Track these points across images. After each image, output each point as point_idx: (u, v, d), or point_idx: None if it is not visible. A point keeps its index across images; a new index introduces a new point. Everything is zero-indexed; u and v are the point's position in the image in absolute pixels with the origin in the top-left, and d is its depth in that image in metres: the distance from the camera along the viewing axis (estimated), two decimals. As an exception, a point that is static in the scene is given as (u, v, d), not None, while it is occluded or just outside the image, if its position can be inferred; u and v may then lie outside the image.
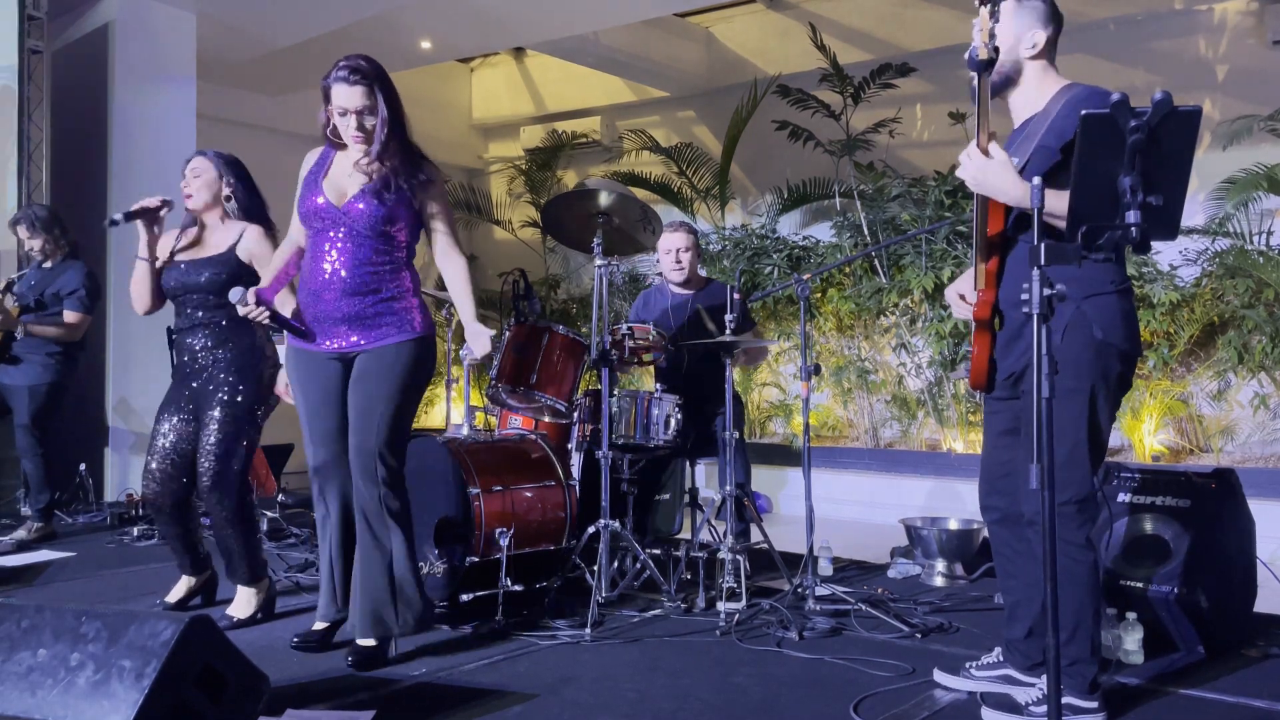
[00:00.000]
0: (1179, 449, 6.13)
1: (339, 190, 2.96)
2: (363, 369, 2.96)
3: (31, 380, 4.96)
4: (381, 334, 2.95)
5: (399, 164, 2.94)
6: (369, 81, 2.88)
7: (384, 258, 2.95)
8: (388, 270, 2.96)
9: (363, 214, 2.91)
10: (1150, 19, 6.75)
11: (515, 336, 3.86)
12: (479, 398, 4.63)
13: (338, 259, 2.93)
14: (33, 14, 6.31)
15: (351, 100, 2.87)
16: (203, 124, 6.84)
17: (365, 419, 2.92)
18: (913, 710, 2.59)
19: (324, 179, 2.99)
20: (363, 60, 2.89)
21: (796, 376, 4.01)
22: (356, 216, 2.91)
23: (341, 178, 2.99)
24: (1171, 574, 3.07)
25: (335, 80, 2.87)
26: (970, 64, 2.32)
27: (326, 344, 2.99)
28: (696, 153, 8.24)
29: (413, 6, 6.86)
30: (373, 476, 2.92)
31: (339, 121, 2.91)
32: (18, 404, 4.98)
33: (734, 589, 3.52)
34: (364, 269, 2.93)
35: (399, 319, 2.96)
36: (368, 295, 2.93)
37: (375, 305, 2.94)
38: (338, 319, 2.95)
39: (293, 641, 3.09)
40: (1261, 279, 5.65)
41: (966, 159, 2.40)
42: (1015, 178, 2.35)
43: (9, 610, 2.13)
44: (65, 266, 5.05)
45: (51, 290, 4.98)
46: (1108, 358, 2.44)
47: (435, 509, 3.68)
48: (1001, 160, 2.37)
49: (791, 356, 7.44)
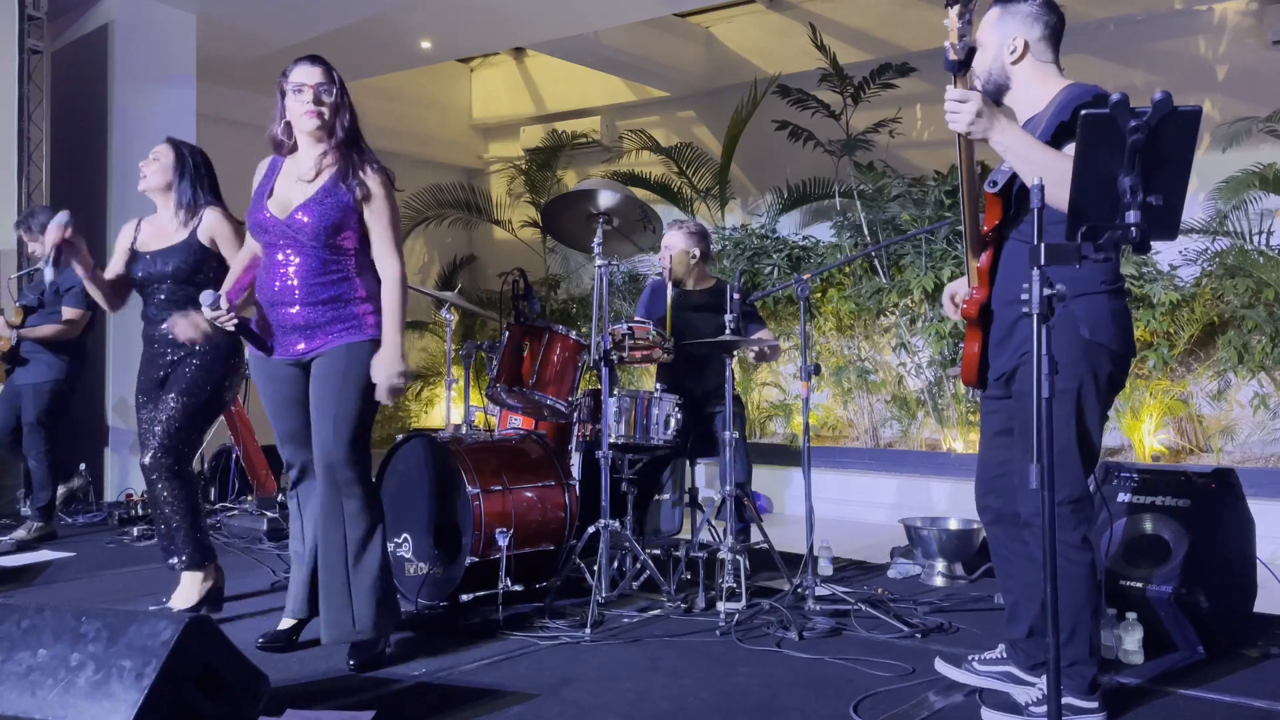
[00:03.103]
0: (1179, 449, 6.13)
1: (283, 202, 2.95)
2: (319, 372, 2.96)
3: (37, 379, 5.04)
4: (335, 338, 2.95)
5: (345, 167, 2.94)
6: (329, 67, 2.96)
7: (334, 267, 2.94)
8: (339, 279, 2.95)
9: (306, 226, 2.90)
10: (1150, 19, 6.75)
11: (515, 336, 3.86)
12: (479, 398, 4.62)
13: (289, 271, 2.93)
14: (33, 14, 6.31)
15: (310, 76, 2.92)
16: (203, 124, 6.84)
17: (323, 422, 2.92)
18: (913, 710, 2.59)
19: (269, 192, 2.99)
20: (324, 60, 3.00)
21: (796, 376, 4.00)
22: (300, 229, 2.90)
23: (287, 188, 2.97)
24: (1171, 574, 3.07)
25: (297, 62, 2.96)
26: (946, 65, 2.33)
27: (282, 352, 3.00)
28: (696, 153, 8.24)
29: (413, 6, 6.86)
30: (332, 478, 2.93)
31: (293, 101, 2.92)
32: (25, 403, 5.05)
33: (734, 589, 3.52)
34: (314, 279, 2.92)
35: (351, 323, 2.95)
36: (320, 305, 2.93)
37: (327, 313, 2.94)
38: (289, 329, 2.96)
39: (258, 641, 3.08)
40: (1261, 279, 5.64)
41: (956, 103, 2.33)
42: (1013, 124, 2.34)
43: (9, 610, 2.13)
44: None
45: (53, 289, 5.05)
46: (1096, 357, 2.42)
47: (435, 509, 3.68)
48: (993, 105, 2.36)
49: (791, 356, 7.44)
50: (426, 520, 3.70)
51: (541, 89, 9.63)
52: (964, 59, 2.31)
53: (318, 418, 2.94)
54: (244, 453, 5.66)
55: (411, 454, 3.79)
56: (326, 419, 2.92)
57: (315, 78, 2.92)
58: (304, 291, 2.92)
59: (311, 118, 2.91)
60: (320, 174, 2.95)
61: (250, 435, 5.68)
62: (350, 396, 2.92)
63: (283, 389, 3.03)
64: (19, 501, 5.70)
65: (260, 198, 2.99)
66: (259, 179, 3.05)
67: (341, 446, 2.90)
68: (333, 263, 2.94)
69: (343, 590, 2.94)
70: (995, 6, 2.54)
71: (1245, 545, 3.22)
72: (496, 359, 3.87)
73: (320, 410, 2.93)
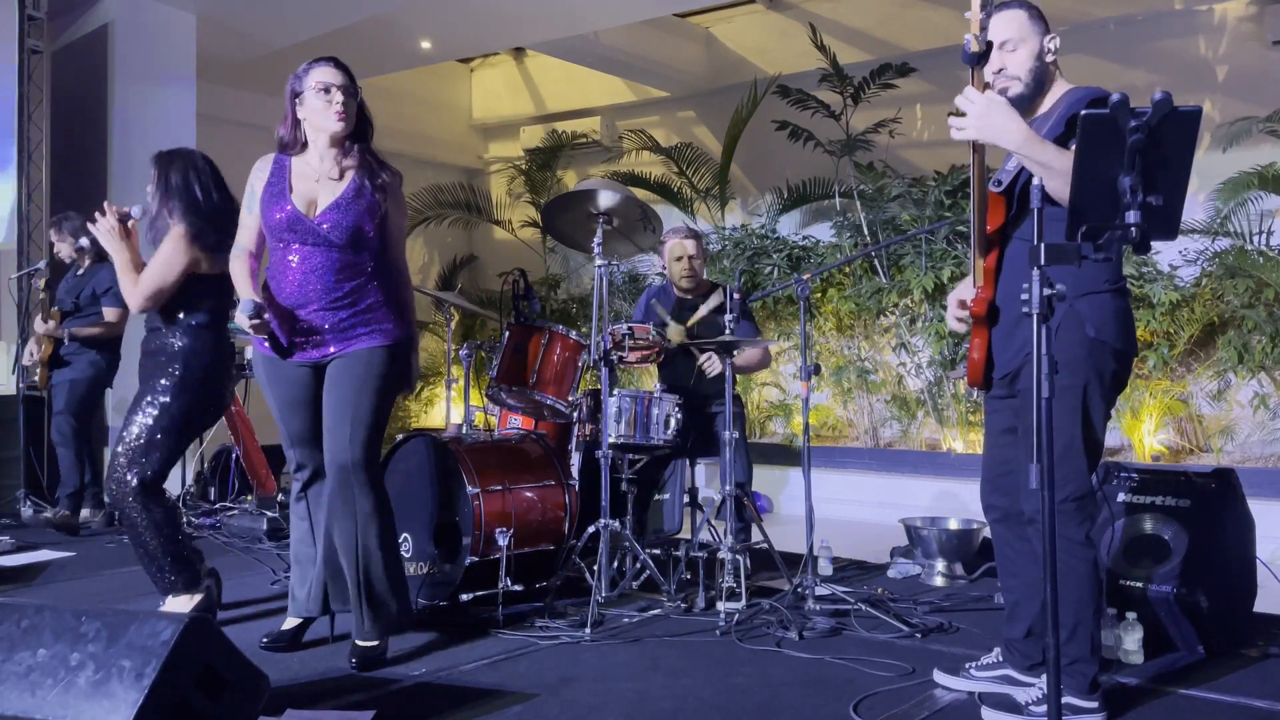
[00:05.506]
0: (1179, 449, 6.12)
1: (308, 199, 2.93)
2: (335, 375, 2.95)
3: (74, 375, 5.34)
4: (354, 341, 2.94)
5: (369, 168, 2.96)
6: (349, 72, 2.98)
7: (352, 269, 2.94)
8: (361, 280, 2.95)
9: (338, 225, 2.90)
10: (1150, 19, 6.75)
11: (515, 336, 3.86)
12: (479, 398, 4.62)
13: (307, 270, 2.90)
14: (33, 14, 6.32)
15: (337, 77, 2.93)
16: (203, 124, 6.84)
17: (339, 424, 2.92)
18: (913, 710, 2.59)
19: (290, 189, 2.94)
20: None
21: (796, 376, 4.01)
22: (332, 227, 2.90)
23: (310, 187, 2.95)
24: (1171, 574, 3.07)
25: (316, 63, 2.95)
26: (964, 57, 2.32)
27: (299, 355, 2.97)
28: (696, 153, 8.24)
29: (413, 6, 6.87)
30: (346, 480, 2.92)
31: (318, 101, 2.90)
32: (59, 396, 5.37)
33: (734, 589, 3.52)
34: (333, 279, 2.91)
35: (372, 327, 2.96)
36: (342, 308, 2.92)
37: (350, 318, 2.93)
38: (311, 331, 2.94)
39: (262, 642, 3.07)
40: (1261, 279, 5.65)
41: (968, 103, 2.33)
42: (1020, 120, 2.34)
43: (9, 610, 2.13)
44: (97, 269, 5.37)
45: (87, 292, 5.35)
46: (1101, 356, 2.44)
47: (435, 509, 3.68)
48: (1002, 100, 2.36)
49: (791, 356, 7.44)
50: (426, 520, 3.70)
51: (541, 89, 9.63)
52: (984, 51, 2.31)
53: (334, 420, 2.93)
54: (244, 453, 5.66)
55: (412, 454, 3.79)
56: (343, 422, 2.91)
57: (341, 79, 2.93)
58: (322, 292, 2.91)
59: (340, 120, 2.91)
60: (345, 174, 2.95)
61: (250, 435, 5.69)
62: (367, 400, 2.92)
63: (293, 390, 3.01)
64: (19, 501, 5.72)
65: (280, 196, 2.93)
66: (264, 177, 2.98)
67: (357, 448, 2.90)
68: (351, 264, 2.93)
69: (355, 591, 2.95)
70: (1019, 9, 2.53)
71: (1245, 545, 3.22)
72: (496, 359, 3.87)
73: (336, 413, 2.93)
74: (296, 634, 3.12)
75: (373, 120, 3.04)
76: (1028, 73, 2.51)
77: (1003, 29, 2.51)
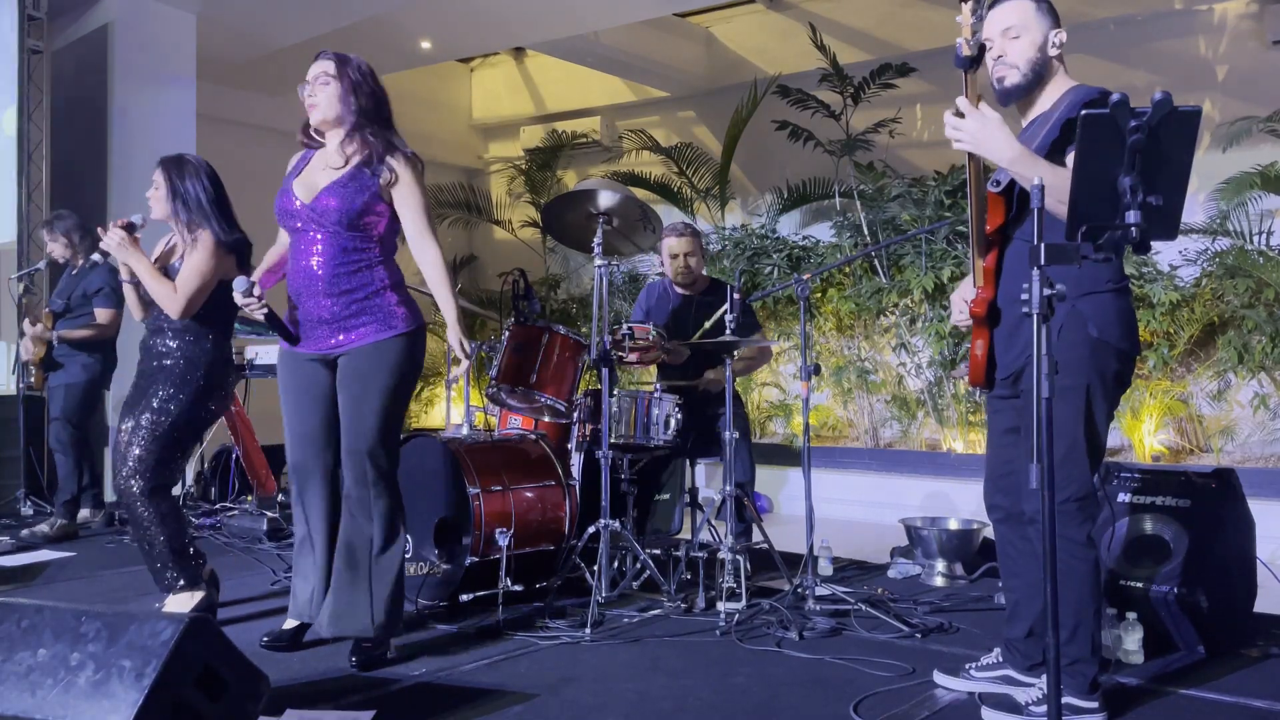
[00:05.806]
0: (1179, 449, 6.12)
1: (309, 186, 2.97)
2: (347, 370, 2.95)
3: (68, 380, 5.25)
4: (363, 333, 2.94)
5: (370, 153, 2.95)
6: (340, 59, 2.99)
7: (358, 254, 2.94)
8: (364, 267, 2.95)
9: (332, 209, 2.90)
10: (1150, 19, 6.75)
11: (515, 336, 3.86)
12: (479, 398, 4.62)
13: (314, 258, 2.94)
14: (33, 14, 6.32)
15: (312, 70, 2.98)
16: (203, 124, 6.84)
17: (354, 420, 2.92)
18: (913, 710, 2.59)
19: (296, 178, 3.02)
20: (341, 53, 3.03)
21: (796, 376, 4.00)
22: (325, 212, 2.91)
23: (314, 175, 3.00)
24: (1171, 574, 3.07)
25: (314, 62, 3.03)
26: (957, 61, 2.32)
27: (309, 346, 2.99)
28: (696, 153, 8.24)
29: (413, 6, 6.87)
30: (363, 478, 2.92)
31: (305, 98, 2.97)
32: (55, 402, 5.28)
33: (734, 589, 3.52)
34: (339, 266, 2.92)
35: (380, 316, 2.95)
36: (344, 295, 2.92)
37: (353, 305, 2.93)
38: (317, 321, 2.95)
39: (262, 641, 3.07)
40: (1261, 279, 5.64)
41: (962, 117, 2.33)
42: (1012, 137, 2.33)
43: (9, 610, 2.13)
44: (89, 270, 5.26)
45: (78, 293, 5.24)
46: (1104, 356, 2.43)
47: (435, 509, 3.68)
48: (997, 117, 2.35)
49: (791, 356, 7.44)
50: (427, 520, 3.70)
51: (541, 89, 9.63)
52: (976, 55, 2.31)
53: (352, 418, 2.93)
54: (244, 453, 5.66)
55: (412, 454, 3.78)
56: (357, 417, 2.91)
57: (317, 69, 2.98)
58: (328, 278, 2.92)
59: (312, 110, 2.98)
60: (348, 161, 2.97)
61: (250, 435, 5.69)
62: (380, 394, 2.91)
63: (305, 384, 3.01)
64: (19, 501, 5.72)
65: (287, 186, 3.01)
66: (288, 170, 3.09)
67: (373, 442, 2.91)
68: (356, 250, 2.94)
69: (363, 587, 2.94)
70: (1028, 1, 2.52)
71: (1245, 545, 3.22)
72: (497, 359, 3.87)
73: (355, 410, 2.92)
74: (296, 634, 3.12)
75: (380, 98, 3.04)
76: (1027, 62, 2.50)
77: (1006, 15, 2.50)
